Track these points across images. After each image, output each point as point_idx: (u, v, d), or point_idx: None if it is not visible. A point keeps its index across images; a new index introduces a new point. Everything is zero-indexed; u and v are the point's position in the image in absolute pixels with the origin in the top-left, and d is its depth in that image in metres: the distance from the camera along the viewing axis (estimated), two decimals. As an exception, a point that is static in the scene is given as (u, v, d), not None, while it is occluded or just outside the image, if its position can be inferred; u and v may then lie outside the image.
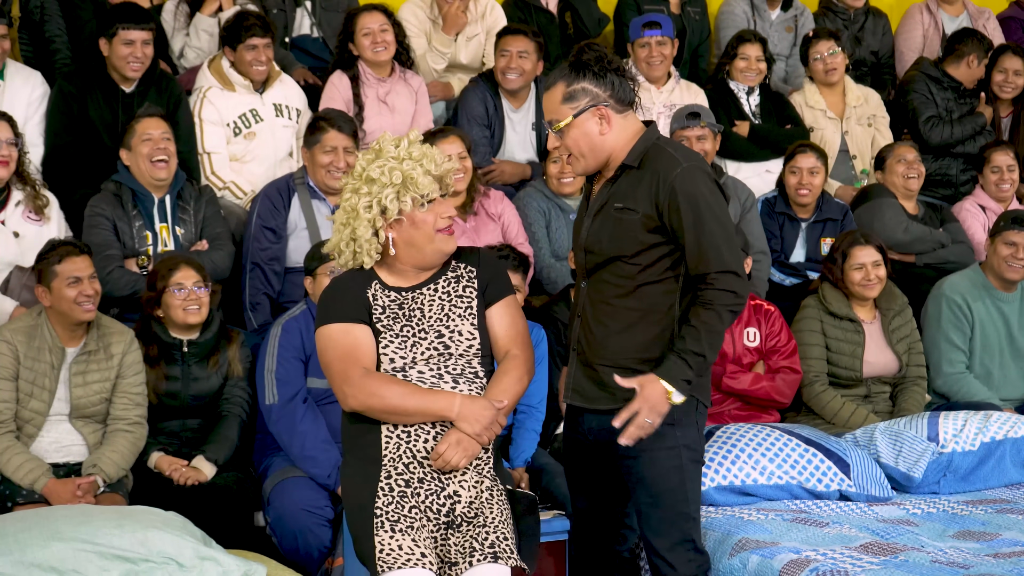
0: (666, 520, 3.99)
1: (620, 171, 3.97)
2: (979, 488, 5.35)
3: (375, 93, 6.61)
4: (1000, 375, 6.38)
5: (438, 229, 3.91)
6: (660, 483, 3.96)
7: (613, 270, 3.95)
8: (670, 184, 3.86)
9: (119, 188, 5.71)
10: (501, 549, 3.83)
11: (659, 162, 3.92)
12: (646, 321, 3.94)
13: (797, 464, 5.13)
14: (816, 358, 5.93)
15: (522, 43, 6.81)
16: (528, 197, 6.45)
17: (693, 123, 6.39)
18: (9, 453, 4.88)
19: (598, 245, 3.97)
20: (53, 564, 4.02)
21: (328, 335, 3.91)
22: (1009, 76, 7.82)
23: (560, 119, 3.95)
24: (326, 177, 5.80)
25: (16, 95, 6.12)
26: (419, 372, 3.87)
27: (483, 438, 3.84)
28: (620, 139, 3.97)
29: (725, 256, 3.86)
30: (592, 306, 4.01)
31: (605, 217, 3.97)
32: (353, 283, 3.95)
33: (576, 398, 4.06)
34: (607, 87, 3.94)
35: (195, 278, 5.17)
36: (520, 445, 5.31)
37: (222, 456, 5.13)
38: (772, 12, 8.02)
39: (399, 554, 3.76)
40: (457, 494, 3.86)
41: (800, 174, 6.63)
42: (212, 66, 6.41)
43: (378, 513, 3.82)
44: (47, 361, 4.96)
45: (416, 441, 3.85)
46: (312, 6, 7.16)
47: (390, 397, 3.82)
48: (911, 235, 6.82)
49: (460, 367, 3.91)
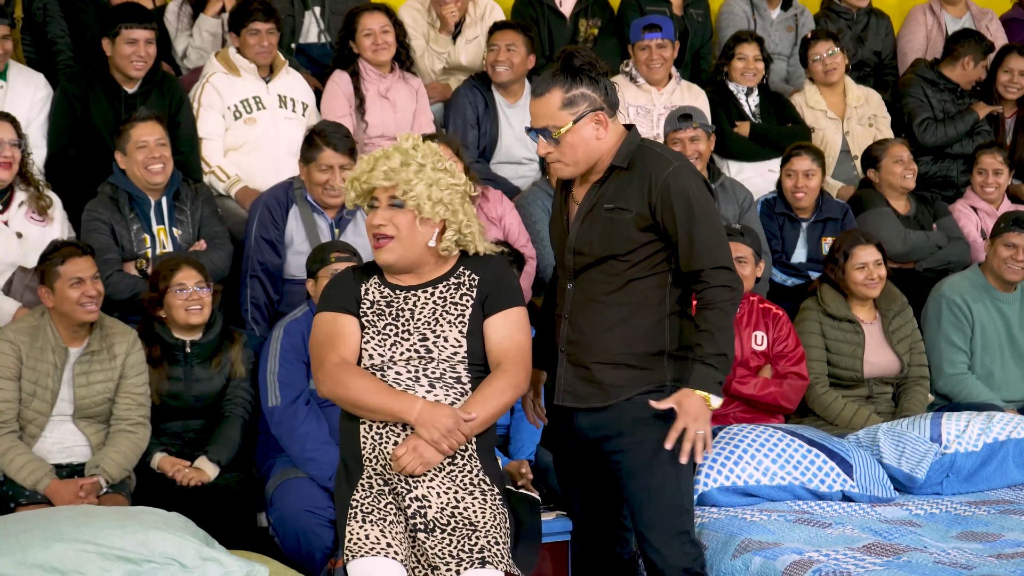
0: (660, 513, 3.99)
1: (608, 173, 3.98)
2: (982, 489, 5.35)
3: (376, 88, 6.61)
4: (1002, 375, 6.38)
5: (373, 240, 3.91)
6: (653, 476, 3.96)
7: (603, 268, 3.97)
8: (663, 182, 3.88)
9: (115, 191, 5.70)
10: (491, 554, 3.80)
11: (649, 162, 3.94)
12: (637, 316, 3.96)
13: (800, 465, 5.13)
14: (817, 359, 5.92)
15: (510, 36, 6.82)
16: (531, 196, 6.45)
17: (685, 124, 6.38)
18: (12, 454, 4.88)
19: (588, 246, 3.98)
20: (55, 565, 4.02)
21: (317, 322, 3.96)
22: (1015, 76, 7.82)
23: (559, 124, 3.93)
24: (323, 195, 5.77)
25: (19, 97, 6.13)
26: (396, 373, 3.86)
27: (442, 446, 3.77)
28: (610, 142, 3.99)
29: (717, 252, 3.90)
30: (580, 305, 4.02)
31: (595, 218, 3.98)
32: (354, 276, 3.99)
33: (568, 399, 4.06)
34: (602, 91, 3.95)
35: (197, 278, 5.18)
36: (520, 440, 5.32)
37: (224, 457, 5.13)
38: (772, 12, 8.01)
39: (365, 543, 3.77)
40: (426, 498, 3.82)
41: (796, 177, 6.63)
42: (220, 55, 6.47)
43: (353, 505, 3.84)
44: (50, 361, 4.96)
45: (387, 443, 3.85)
46: (321, 11, 7.16)
47: (354, 390, 3.82)
48: (909, 245, 6.80)
49: (440, 371, 3.88)
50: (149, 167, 5.63)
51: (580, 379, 4.02)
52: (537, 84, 4.00)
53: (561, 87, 3.93)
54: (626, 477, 4.01)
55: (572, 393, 4.05)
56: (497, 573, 3.79)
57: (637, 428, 3.95)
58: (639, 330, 3.96)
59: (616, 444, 3.99)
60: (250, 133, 6.37)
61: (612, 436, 4.01)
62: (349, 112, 6.54)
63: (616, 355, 3.97)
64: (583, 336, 4.01)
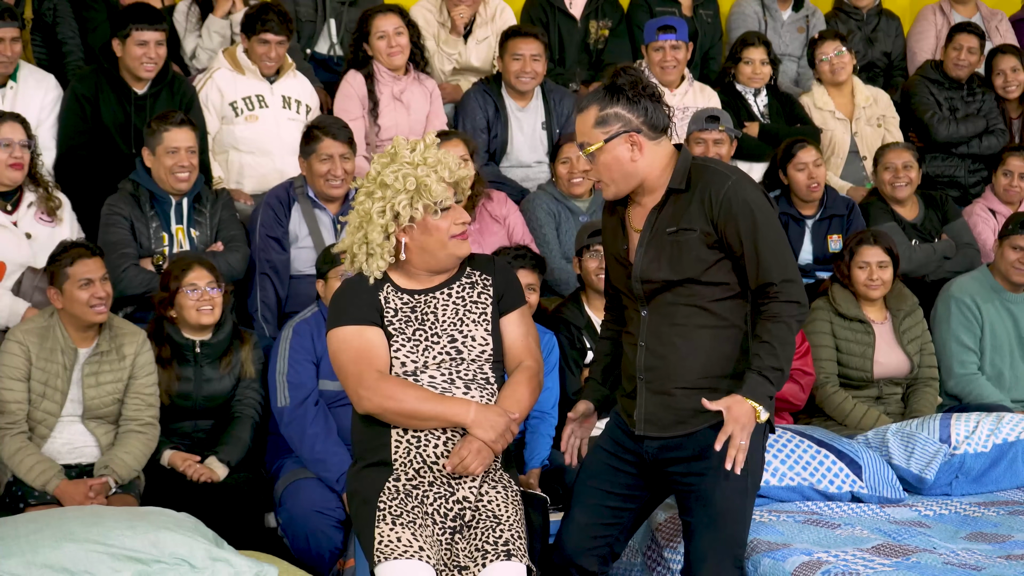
0: (719, 542, 3.95)
1: (667, 196, 3.92)
2: (991, 490, 5.33)
3: (390, 91, 6.61)
4: (1011, 376, 6.37)
5: (452, 235, 3.91)
6: (722, 504, 3.92)
7: (680, 292, 3.90)
8: (724, 197, 3.82)
9: (136, 188, 5.72)
10: (515, 547, 3.82)
11: (706, 179, 3.88)
12: (720, 338, 3.90)
13: (809, 466, 5.12)
14: (827, 359, 5.92)
15: (534, 46, 6.81)
16: (537, 199, 6.45)
17: (712, 126, 6.37)
18: (22, 454, 4.89)
19: (657, 273, 3.90)
20: (65, 565, 4.02)
21: (341, 337, 3.91)
22: (1008, 76, 7.81)
23: (591, 142, 3.89)
24: (324, 186, 5.79)
25: (29, 97, 6.14)
26: (430, 376, 3.87)
27: (497, 445, 3.86)
28: (654, 165, 3.91)
29: (785, 265, 3.84)
30: (658, 331, 3.94)
31: (660, 244, 3.90)
32: (365, 285, 3.95)
33: (650, 428, 3.99)
34: (640, 113, 3.87)
35: (208, 278, 5.18)
36: (534, 449, 5.30)
37: (234, 457, 5.14)
38: (783, 13, 8.02)
39: (396, 545, 3.76)
40: (467, 499, 3.87)
41: (807, 169, 6.60)
42: (227, 51, 6.50)
43: (381, 507, 3.83)
44: (59, 362, 4.97)
45: (426, 446, 3.86)
46: (337, 25, 7.15)
47: (407, 401, 3.82)
48: (915, 262, 6.74)
49: (472, 372, 3.91)
50: (177, 174, 5.65)
51: (662, 407, 3.96)
52: (581, 98, 3.96)
53: (597, 105, 3.88)
54: (695, 501, 3.96)
55: (654, 423, 3.98)
56: (520, 567, 3.81)
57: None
58: (721, 352, 3.91)
59: (692, 467, 3.94)
60: (251, 130, 6.38)
61: (687, 459, 3.96)
62: (362, 114, 6.54)
63: (701, 379, 3.91)
64: (664, 362, 3.94)
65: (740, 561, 4.03)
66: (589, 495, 4.15)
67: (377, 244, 3.90)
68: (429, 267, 3.95)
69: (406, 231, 3.91)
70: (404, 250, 3.92)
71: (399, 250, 3.92)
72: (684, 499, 4.01)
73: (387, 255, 3.92)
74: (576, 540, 4.15)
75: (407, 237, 3.91)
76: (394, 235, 3.90)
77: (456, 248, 3.92)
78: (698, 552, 3.99)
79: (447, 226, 3.90)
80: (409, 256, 3.94)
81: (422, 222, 3.89)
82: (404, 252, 3.93)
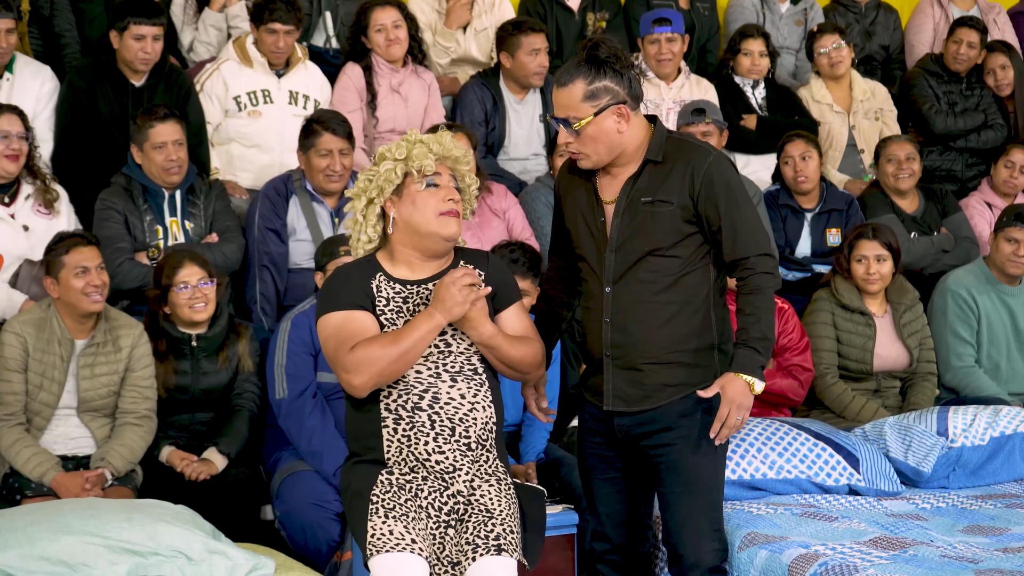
0: (697, 508, 4.00)
1: (642, 167, 3.96)
2: (988, 483, 5.35)
3: (388, 83, 6.60)
4: (1008, 368, 6.37)
5: (440, 212, 3.86)
6: (695, 472, 3.97)
7: (647, 267, 3.94)
8: (705, 172, 3.88)
9: (129, 182, 5.71)
10: (506, 542, 3.81)
11: (687, 152, 3.93)
12: (686, 312, 3.95)
13: (806, 458, 5.12)
14: (828, 350, 5.92)
15: (540, 41, 6.79)
16: (535, 192, 6.44)
17: (698, 119, 6.37)
18: (19, 446, 4.89)
19: (631, 242, 3.94)
20: (62, 557, 4.02)
21: (329, 323, 3.88)
22: (998, 74, 7.81)
23: (580, 116, 3.89)
24: (324, 181, 5.78)
25: (26, 90, 6.12)
26: (416, 371, 3.85)
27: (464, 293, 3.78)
28: (636, 135, 3.96)
29: (760, 239, 3.91)
30: (626, 308, 3.97)
31: (634, 213, 3.95)
32: (357, 272, 3.92)
33: (618, 404, 4.03)
34: (626, 84, 3.91)
35: (200, 274, 5.15)
36: (530, 442, 5.29)
37: (234, 450, 5.14)
38: (782, 5, 8.01)
39: (389, 538, 3.74)
40: (460, 493, 3.85)
41: (793, 162, 6.62)
42: (237, 42, 6.45)
43: (374, 500, 3.81)
44: (56, 353, 4.97)
45: (417, 444, 3.83)
46: (333, 18, 7.13)
47: (382, 356, 3.74)
48: (914, 255, 6.74)
49: (459, 364, 3.89)
50: (166, 169, 5.64)
51: (630, 382, 4.00)
52: (560, 74, 3.96)
53: (584, 79, 3.89)
54: (667, 471, 4.00)
55: (622, 398, 4.02)
56: (511, 561, 3.80)
57: (683, 422, 3.95)
58: (689, 325, 3.95)
59: (662, 439, 3.98)
60: (252, 126, 6.36)
61: (657, 431, 3.99)
62: (360, 106, 6.53)
63: (668, 353, 3.95)
64: (630, 338, 3.97)
65: (719, 523, 4.07)
66: (599, 488, 4.21)
67: (360, 212, 3.89)
68: (416, 247, 3.90)
69: (394, 202, 3.89)
70: (391, 224, 3.90)
71: (387, 224, 3.91)
72: (656, 471, 4.05)
73: (373, 228, 3.90)
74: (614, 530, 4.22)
75: (394, 210, 3.89)
76: (378, 203, 3.89)
77: (442, 227, 3.85)
78: (676, 521, 4.03)
79: (435, 202, 3.85)
80: (395, 232, 3.90)
81: (408, 193, 3.87)
82: (391, 226, 3.90)
